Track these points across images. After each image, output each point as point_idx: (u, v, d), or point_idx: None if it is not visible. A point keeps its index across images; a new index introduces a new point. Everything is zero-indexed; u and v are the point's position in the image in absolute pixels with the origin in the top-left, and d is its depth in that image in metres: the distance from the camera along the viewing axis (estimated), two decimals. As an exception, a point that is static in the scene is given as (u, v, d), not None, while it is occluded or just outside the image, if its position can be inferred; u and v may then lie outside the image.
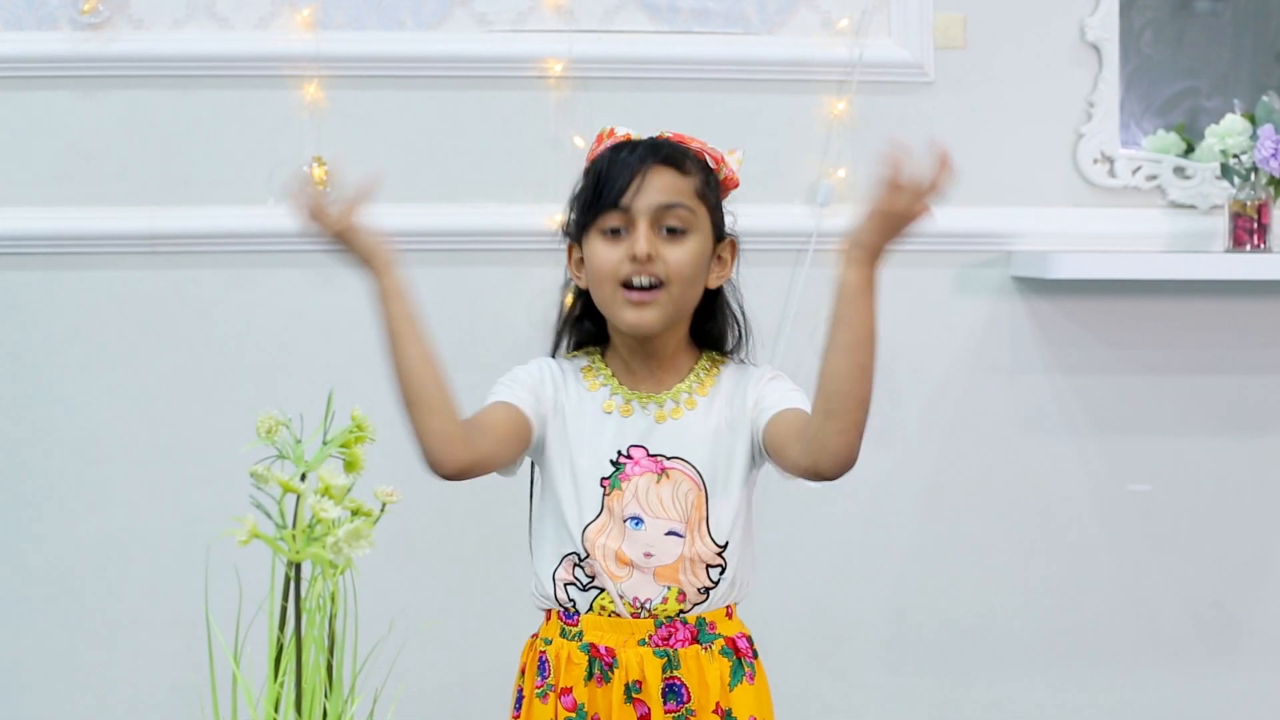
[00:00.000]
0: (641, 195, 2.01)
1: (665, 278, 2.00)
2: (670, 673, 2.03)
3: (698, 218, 2.03)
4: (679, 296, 2.02)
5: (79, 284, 2.95)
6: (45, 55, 2.92)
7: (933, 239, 3.06)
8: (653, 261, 2.00)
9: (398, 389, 1.96)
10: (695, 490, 2.05)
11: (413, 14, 2.98)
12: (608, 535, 2.03)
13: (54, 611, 2.98)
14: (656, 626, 2.03)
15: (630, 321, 2.02)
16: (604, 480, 2.04)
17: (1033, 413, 3.12)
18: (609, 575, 2.02)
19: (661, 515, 2.03)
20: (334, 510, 1.42)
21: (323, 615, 1.45)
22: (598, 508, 2.03)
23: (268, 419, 1.50)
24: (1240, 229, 3.01)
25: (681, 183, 2.03)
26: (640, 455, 2.04)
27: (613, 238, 2.02)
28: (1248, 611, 3.18)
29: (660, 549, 2.03)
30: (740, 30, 3.03)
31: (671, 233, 2.01)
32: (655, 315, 2.02)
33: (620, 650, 2.02)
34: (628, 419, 2.06)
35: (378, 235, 1.93)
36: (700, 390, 2.08)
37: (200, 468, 2.93)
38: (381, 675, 1.57)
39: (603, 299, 2.04)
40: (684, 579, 2.03)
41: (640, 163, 2.02)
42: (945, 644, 3.13)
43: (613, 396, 2.07)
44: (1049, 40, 3.09)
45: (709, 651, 2.05)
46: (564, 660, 2.04)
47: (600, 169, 2.04)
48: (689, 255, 2.02)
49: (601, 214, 2.02)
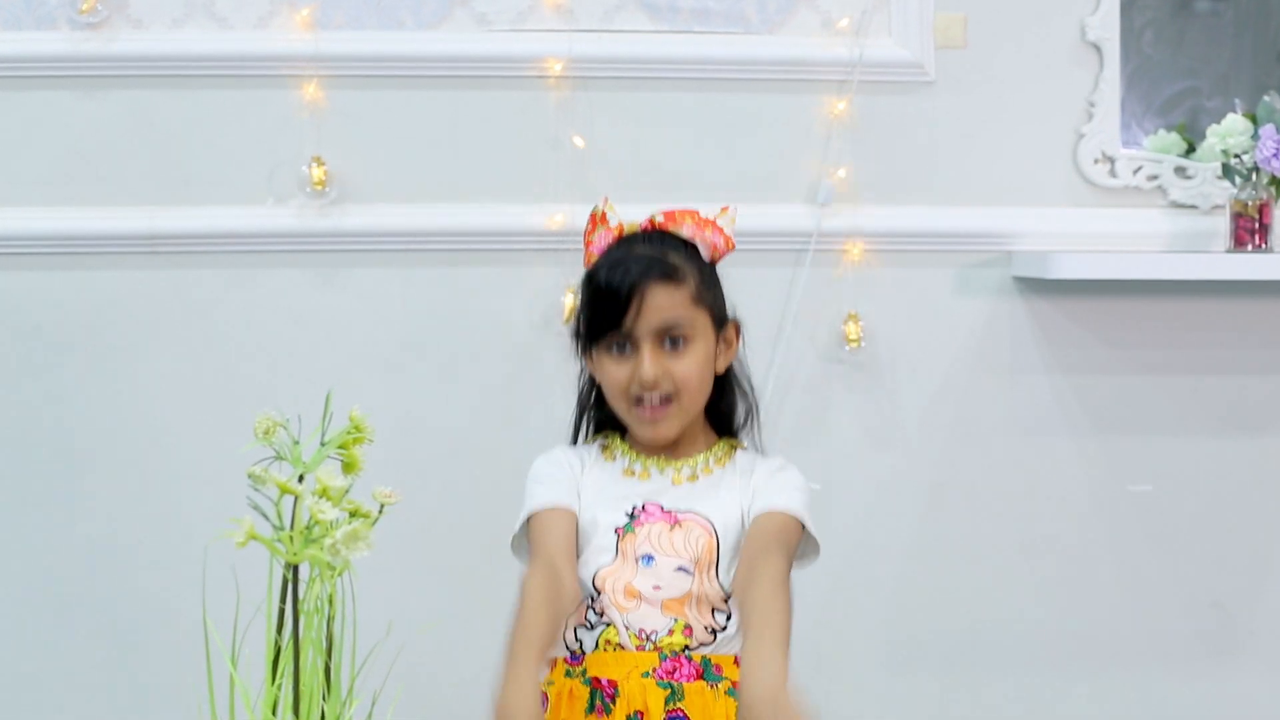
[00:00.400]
0: (641, 319, 2.05)
1: (674, 391, 2.06)
2: (673, 704, 2.02)
3: (697, 325, 2.08)
4: (689, 404, 2.09)
5: (78, 284, 2.94)
6: (44, 55, 2.91)
7: (933, 239, 3.07)
8: (659, 384, 2.05)
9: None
10: (707, 536, 2.06)
11: (412, 14, 2.97)
12: (620, 572, 2.04)
13: (53, 612, 2.97)
14: (661, 660, 2.02)
15: (647, 437, 2.10)
16: (618, 529, 2.06)
17: (1033, 413, 3.11)
18: (617, 607, 2.03)
19: (672, 554, 2.05)
20: (332, 512, 1.42)
21: (321, 617, 1.45)
22: (612, 554, 2.05)
23: (265, 420, 1.49)
24: (1241, 229, 3.01)
25: (678, 295, 2.06)
26: (654, 509, 2.08)
27: (619, 354, 2.07)
28: (1248, 612, 3.18)
29: (669, 582, 2.04)
30: (740, 30, 3.02)
31: (674, 344, 2.06)
32: (670, 427, 2.09)
33: (623, 682, 2.02)
34: (645, 482, 2.10)
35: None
36: (718, 464, 2.13)
37: (199, 468, 2.92)
38: (380, 678, 1.57)
39: (618, 412, 2.11)
40: (690, 614, 2.03)
41: (638, 283, 2.04)
42: (945, 645, 3.12)
43: (633, 464, 2.12)
44: (1050, 40, 3.08)
45: (714, 690, 2.04)
46: (565, 696, 2.04)
47: (598, 286, 2.07)
48: (694, 365, 2.07)
49: (603, 336, 2.07)
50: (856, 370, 3.06)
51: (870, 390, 3.07)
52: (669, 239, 2.10)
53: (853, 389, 3.06)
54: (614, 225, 2.11)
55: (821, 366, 3.05)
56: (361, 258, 2.98)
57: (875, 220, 3.04)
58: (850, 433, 3.08)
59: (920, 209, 3.06)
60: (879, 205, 3.04)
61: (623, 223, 2.11)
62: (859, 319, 3.04)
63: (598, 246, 2.11)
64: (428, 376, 3.00)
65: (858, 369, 3.06)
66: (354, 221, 2.97)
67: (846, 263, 3.04)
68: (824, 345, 3.04)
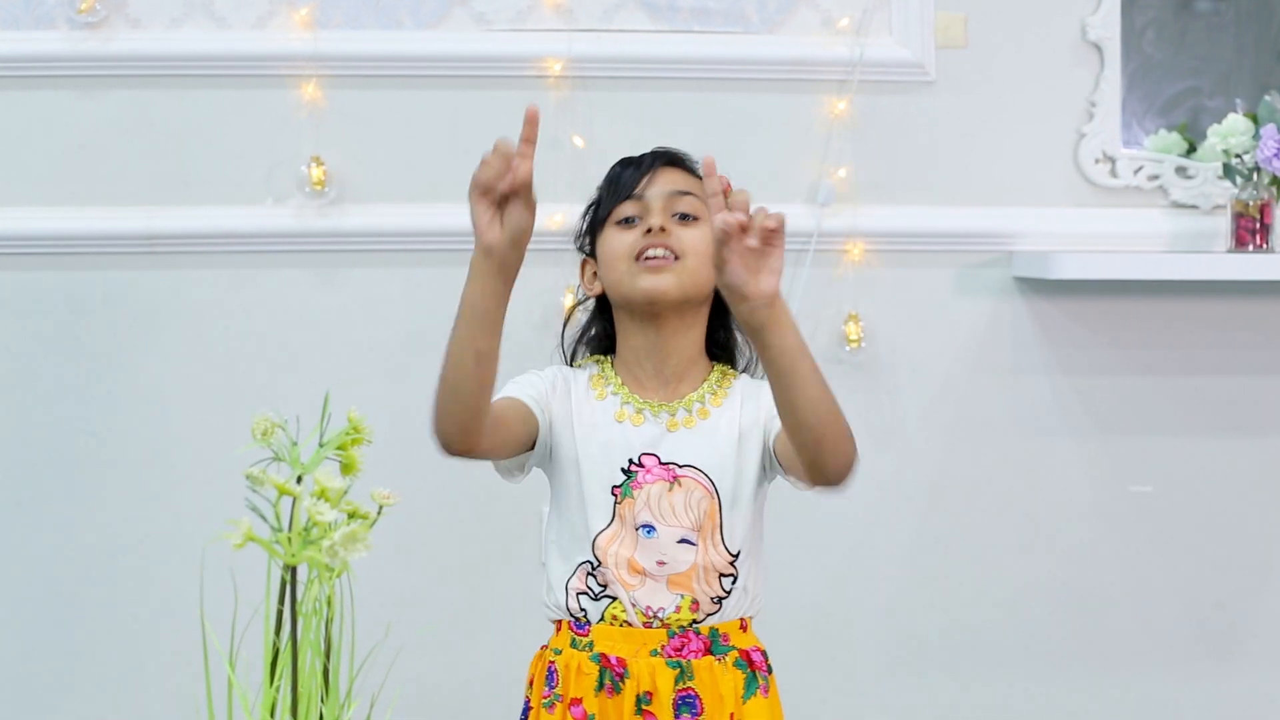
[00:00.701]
0: (654, 184, 2.08)
1: (679, 250, 2.03)
2: (683, 684, 2.01)
3: (706, 216, 2.02)
4: (694, 270, 2.02)
5: (76, 284, 2.94)
6: (42, 55, 2.91)
7: (934, 239, 3.07)
8: (667, 234, 2.03)
9: (446, 366, 1.94)
10: (708, 499, 2.03)
11: (411, 13, 2.97)
12: (620, 544, 2.01)
13: (51, 613, 2.97)
14: (669, 637, 2.01)
15: (646, 287, 2.02)
16: (615, 489, 2.03)
17: (1034, 413, 3.11)
18: (621, 584, 2.01)
19: (674, 523, 2.02)
20: (330, 513, 1.41)
21: (319, 619, 1.44)
22: (609, 516, 2.02)
23: (263, 421, 1.49)
24: (1242, 229, 3.00)
25: (691, 180, 2.09)
26: (652, 463, 2.03)
27: (627, 225, 2.06)
28: (1250, 613, 3.17)
29: (673, 557, 2.02)
30: (740, 29, 3.02)
31: (684, 219, 2.06)
32: (671, 281, 2.02)
33: (631, 660, 2.01)
34: (638, 427, 2.05)
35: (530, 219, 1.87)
36: (714, 400, 2.07)
37: (198, 469, 2.92)
38: (378, 680, 1.56)
39: (617, 279, 2.04)
40: (697, 587, 2.02)
41: (652, 161, 2.11)
42: (946, 645, 3.12)
43: (624, 405, 2.06)
44: (1050, 39, 3.08)
45: (722, 663, 2.03)
46: (574, 670, 2.02)
47: (611, 177, 2.12)
48: (701, 238, 2.02)
49: (616, 206, 2.07)
50: (857, 370, 3.06)
51: (871, 391, 3.06)
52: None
53: (853, 389, 3.04)
54: None
55: (822, 366, 3.01)
56: (360, 258, 2.98)
57: (876, 220, 3.04)
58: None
59: (921, 209, 3.06)
60: (879, 205, 3.04)
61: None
62: (859, 319, 3.03)
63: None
64: (427, 377, 2.97)
65: (858, 369, 3.06)
66: (353, 221, 2.97)
67: (847, 263, 3.04)
68: (824, 345, 3.03)
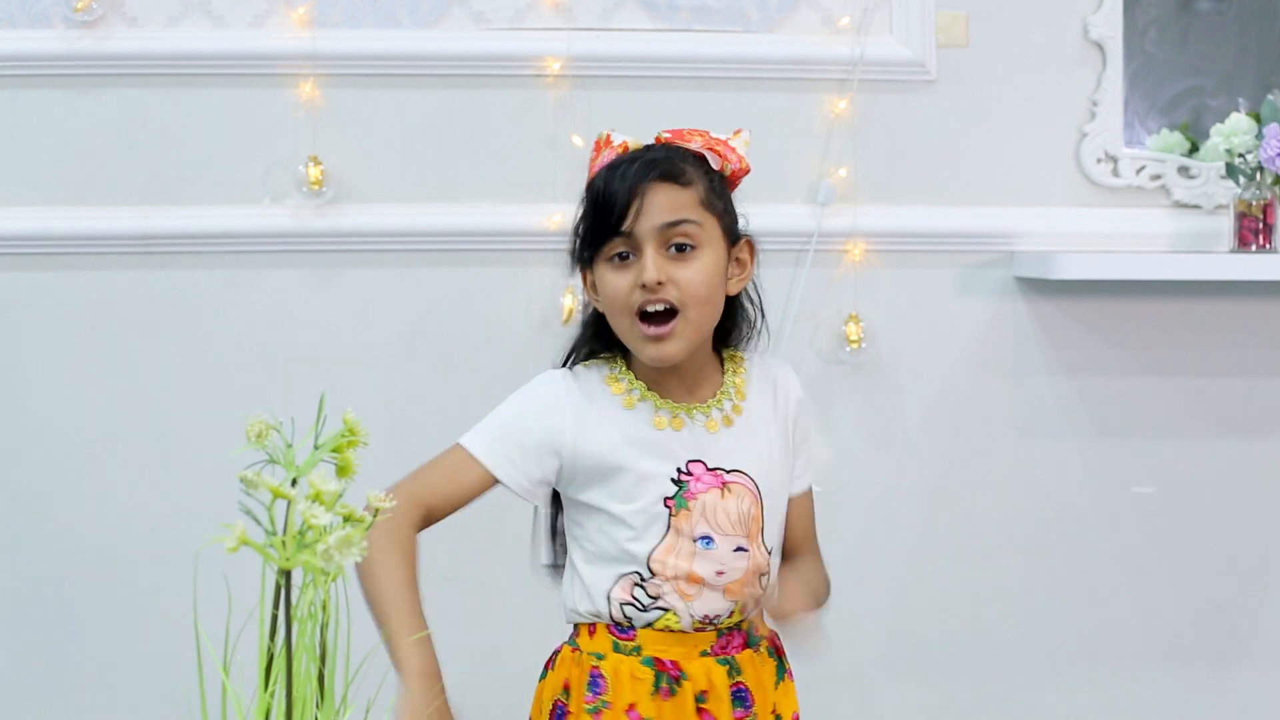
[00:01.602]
0: (643, 218, 1.92)
1: (679, 302, 1.93)
2: (735, 678, 2.00)
3: (705, 230, 1.95)
4: (696, 320, 1.95)
5: (72, 285, 2.92)
6: (38, 53, 2.89)
7: (934, 239, 3.06)
8: (664, 287, 1.92)
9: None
10: (753, 502, 2.01)
11: (409, 12, 2.95)
12: (677, 556, 1.97)
13: (43, 615, 2.96)
14: (718, 637, 2.00)
15: (652, 356, 1.95)
16: (668, 500, 1.98)
17: (1035, 414, 3.10)
18: (680, 595, 1.98)
19: (730, 532, 1.99)
20: (325, 516, 1.39)
21: (314, 624, 1.42)
22: (664, 528, 1.97)
23: (257, 423, 1.47)
24: (1245, 229, 3.00)
25: (683, 196, 1.94)
26: (700, 470, 1.99)
27: (621, 263, 1.94)
28: (1252, 615, 3.17)
29: (731, 565, 1.99)
30: (740, 28, 3.01)
31: (680, 250, 1.93)
32: (676, 347, 1.94)
33: (685, 662, 1.98)
34: (679, 432, 1.99)
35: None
36: (739, 394, 2.03)
37: (195, 470, 2.91)
38: (374, 685, 1.55)
39: (621, 331, 1.97)
40: (748, 591, 2.00)
41: (638, 182, 1.93)
42: (947, 647, 3.11)
43: (658, 412, 1.99)
44: (1052, 38, 3.07)
45: (759, 654, 2.03)
46: (625, 676, 1.98)
47: (598, 191, 1.96)
48: (701, 274, 1.94)
49: (605, 243, 1.95)
50: (857, 371, 3.05)
51: (871, 392, 3.05)
52: (675, 149, 1.97)
53: (854, 390, 3.05)
54: (618, 144, 1.98)
55: (822, 368, 3.03)
56: (358, 258, 2.97)
57: (876, 220, 3.03)
58: (851, 434, 3.06)
59: (922, 209, 3.05)
60: (880, 205, 3.03)
61: (627, 141, 1.99)
62: (860, 320, 3.02)
63: (599, 167, 1.99)
64: (424, 379, 2.98)
65: (859, 370, 3.05)
66: (350, 221, 2.95)
67: (847, 263, 3.03)
68: (825, 346, 3.03)
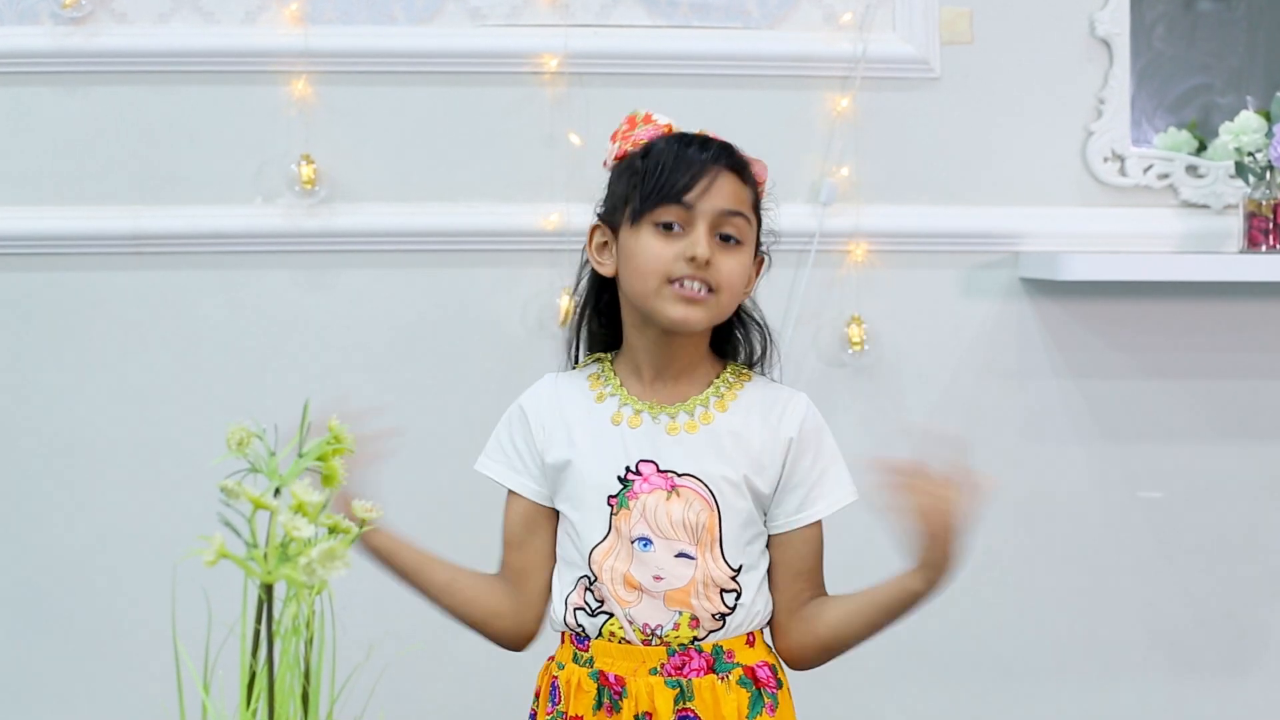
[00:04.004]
0: (708, 197, 1.94)
1: (717, 286, 1.94)
2: (683, 704, 1.94)
3: (750, 230, 1.99)
4: (726, 305, 1.97)
5: (61, 285, 2.91)
6: (26, 50, 2.88)
7: (939, 239, 3.04)
8: (709, 267, 1.93)
9: (443, 613, 2.04)
10: (707, 510, 1.96)
11: (404, 8, 2.94)
12: (615, 557, 1.95)
13: (45, 615, 2.94)
14: (669, 655, 1.95)
15: (676, 317, 1.94)
16: (611, 499, 1.96)
17: (1041, 417, 3.08)
18: (617, 600, 1.95)
19: (671, 536, 1.95)
20: (308, 528, 1.34)
21: (297, 639, 1.38)
22: (605, 528, 1.96)
23: (239, 430, 1.43)
24: (1255, 229, 2.98)
25: (743, 192, 1.98)
26: (650, 471, 1.96)
27: (666, 232, 1.94)
28: (1261, 622, 3.15)
29: (670, 572, 1.95)
30: (741, 25, 3.00)
31: (725, 240, 1.96)
32: (702, 316, 1.94)
33: (630, 679, 1.94)
34: (635, 430, 1.97)
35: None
36: (719, 404, 2.00)
37: (185, 472, 2.89)
38: (360, 703, 1.51)
39: (642, 290, 1.95)
40: (696, 604, 1.95)
41: (712, 163, 1.96)
42: (951, 651, 3.09)
43: (622, 407, 1.99)
44: (1058, 35, 3.05)
45: (725, 682, 1.96)
46: (574, 686, 1.97)
47: (663, 160, 1.96)
48: (741, 268, 1.97)
49: (660, 205, 1.94)
50: (860, 374, 3.03)
51: (874, 394, 3.04)
52: (741, 152, 2.02)
53: (856, 393, 3.03)
54: (663, 123, 2.01)
55: (824, 370, 3.01)
56: (351, 258, 2.96)
57: (879, 220, 3.01)
58: (854, 437, 3.01)
59: (925, 209, 3.04)
60: (883, 205, 3.02)
61: (672, 123, 2.02)
62: (862, 321, 3.01)
63: (639, 138, 2.00)
64: (418, 381, 2.97)
65: (861, 372, 3.03)
66: (344, 221, 2.94)
67: (850, 264, 3.02)
68: (827, 348, 3.01)
